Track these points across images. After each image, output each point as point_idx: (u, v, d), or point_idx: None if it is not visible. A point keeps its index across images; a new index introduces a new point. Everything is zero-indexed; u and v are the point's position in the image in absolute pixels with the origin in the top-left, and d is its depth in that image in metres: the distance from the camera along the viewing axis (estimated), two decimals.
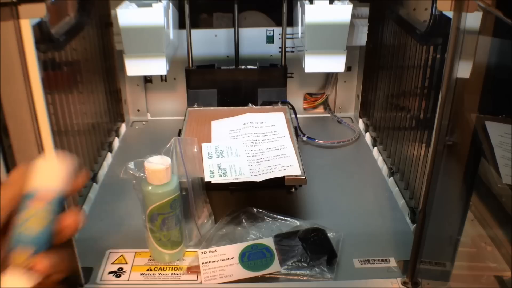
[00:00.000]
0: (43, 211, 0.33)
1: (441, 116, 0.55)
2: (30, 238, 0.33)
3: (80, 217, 0.35)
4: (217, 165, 0.73)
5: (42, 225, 0.33)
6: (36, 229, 0.33)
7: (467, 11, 0.50)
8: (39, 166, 0.35)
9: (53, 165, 0.35)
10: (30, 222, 0.33)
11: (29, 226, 0.33)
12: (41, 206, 0.33)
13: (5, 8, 0.46)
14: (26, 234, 0.33)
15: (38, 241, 0.33)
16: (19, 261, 0.32)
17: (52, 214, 0.34)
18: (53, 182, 0.35)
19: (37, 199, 0.33)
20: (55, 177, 0.35)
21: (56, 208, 0.34)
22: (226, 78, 0.97)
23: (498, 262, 0.62)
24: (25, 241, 0.33)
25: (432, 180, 0.58)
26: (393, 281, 0.64)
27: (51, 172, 0.35)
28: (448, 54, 0.52)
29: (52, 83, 0.70)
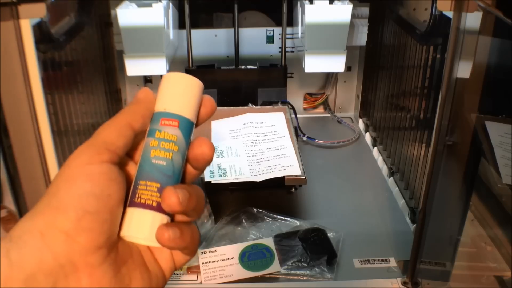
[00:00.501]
0: (174, 136, 0.29)
1: (441, 116, 0.55)
2: (158, 168, 0.28)
3: (212, 146, 0.30)
4: (217, 165, 0.73)
5: (172, 153, 0.29)
6: (165, 158, 0.29)
7: (467, 11, 0.50)
8: (173, 82, 0.30)
9: (187, 84, 0.30)
10: (159, 149, 0.29)
11: (158, 154, 0.29)
12: (172, 130, 0.29)
13: (5, 8, 0.46)
14: (154, 162, 0.29)
15: (166, 172, 0.29)
16: (145, 195, 0.28)
17: (183, 142, 0.29)
18: (187, 104, 0.30)
19: (167, 121, 0.29)
20: (187, 98, 0.30)
21: (187, 136, 0.30)
22: (226, 78, 0.97)
23: (498, 262, 0.62)
24: (152, 171, 0.28)
25: (432, 180, 0.58)
26: (393, 281, 0.64)
27: (185, 92, 0.30)
28: (448, 54, 0.52)
29: (52, 83, 0.70)
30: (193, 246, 0.29)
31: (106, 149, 0.27)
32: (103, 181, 0.26)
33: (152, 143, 0.29)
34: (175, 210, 0.27)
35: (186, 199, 0.27)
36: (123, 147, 0.28)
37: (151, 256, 0.29)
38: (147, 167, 0.28)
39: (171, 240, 0.27)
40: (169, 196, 0.27)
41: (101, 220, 0.26)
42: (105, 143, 0.28)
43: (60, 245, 0.25)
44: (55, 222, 0.25)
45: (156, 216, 0.28)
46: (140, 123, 0.29)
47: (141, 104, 0.30)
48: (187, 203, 0.28)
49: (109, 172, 0.27)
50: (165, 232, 0.27)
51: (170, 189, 0.27)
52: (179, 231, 0.28)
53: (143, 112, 0.29)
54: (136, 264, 0.28)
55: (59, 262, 0.24)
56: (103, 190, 0.26)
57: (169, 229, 0.27)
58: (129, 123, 0.29)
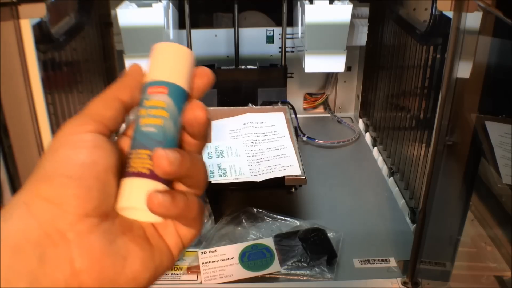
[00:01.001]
0: (163, 102, 0.28)
1: (441, 116, 0.55)
2: (148, 135, 0.28)
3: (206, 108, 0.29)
4: (217, 165, 0.73)
5: (162, 120, 0.28)
6: (155, 125, 0.28)
7: (467, 11, 0.50)
8: (159, 51, 0.30)
9: (175, 52, 0.29)
10: (148, 117, 0.28)
11: (147, 122, 0.28)
12: (161, 97, 0.28)
13: (5, 8, 0.46)
14: (144, 130, 0.28)
15: (157, 138, 0.27)
16: (136, 163, 0.27)
17: (174, 108, 0.28)
18: (175, 71, 0.29)
19: (155, 88, 0.28)
20: (177, 66, 0.29)
21: (178, 103, 0.28)
22: (226, 78, 0.97)
23: (498, 262, 0.62)
24: (142, 139, 0.28)
25: (432, 180, 0.58)
26: (393, 281, 0.64)
27: (172, 59, 0.29)
28: (448, 54, 0.52)
29: (52, 83, 0.70)
30: (192, 215, 0.28)
31: (92, 119, 0.27)
32: (87, 148, 0.26)
33: (141, 112, 0.28)
34: (166, 171, 0.26)
35: (177, 161, 0.26)
36: (111, 118, 0.28)
37: (155, 231, 0.28)
38: (138, 135, 0.28)
39: (161, 206, 0.26)
40: (158, 157, 0.26)
41: (87, 186, 0.25)
42: (92, 114, 0.27)
43: (46, 213, 0.24)
44: (39, 191, 0.24)
45: (149, 184, 0.27)
46: (127, 94, 0.29)
47: (129, 76, 0.29)
48: (179, 165, 0.26)
49: (94, 140, 0.26)
50: (155, 198, 0.26)
51: (160, 151, 0.26)
52: (170, 197, 0.26)
53: (131, 83, 0.29)
54: (136, 237, 0.27)
55: (46, 231, 0.24)
56: (87, 156, 0.26)
57: (159, 194, 0.26)
58: (116, 95, 0.28)
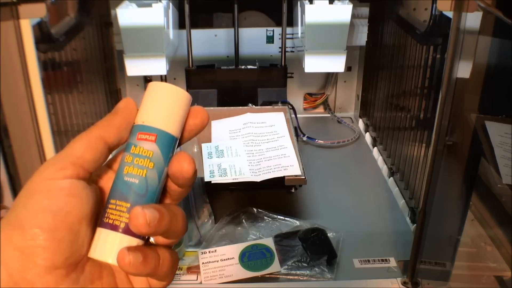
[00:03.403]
0: (150, 151, 0.27)
1: (441, 116, 0.55)
2: (130, 186, 0.26)
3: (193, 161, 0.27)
4: (217, 165, 0.73)
5: (146, 171, 0.26)
6: (138, 176, 0.26)
7: (467, 11, 0.50)
8: (154, 92, 0.28)
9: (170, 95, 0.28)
10: (133, 166, 0.26)
11: (131, 171, 0.26)
12: (148, 145, 0.27)
13: (5, 8, 0.46)
14: (126, 180, 0.26)
15: (139, 191, 0.26)
16: (114, 215, 0.26)
17: (160, 157, 0.27)
18: (166, 116, 0.27)
19: (145, 135, 0.27)
20: (168, 111, 0.27)
21: (166, 151, 0.27)
22: (226, 78, 0.97)
23: (498, 262, 0.62)
24: (123, 190, 0.26)
25: (432, 180, 0.58)
26: (393, 281, 0.64)
27: (166, 103, 0.27)
28: (448, 54, 0.52)
29: (52, 83, 0.70)
30: (163, 272, 0.27)
31: (72, 163, 0.26)
32: (62, 197, 0.25)
33: (127, 158, 0.27)
34: (142, 232, 0.25)
35: (155, 221, 0.25)
36: (93, 161, 0.27)
37: (125, 277, 0.28)
38: (119, 184, 0.27)
39: (131, 265, 0.25)
40: (135, 217, 0.25)
41: (58, 239, 0.24)
42: (72, 156, 0.26)
43: (15, 263, 0.24)
44: (12, 239, 0.24)
45: (123, 239, 0.26)
46: (114, 135, 0.27)
47: (118, 115, 0.28)
48: (157, 225, 0.25)
49: (70, 188, 0.25)
50: (126, 257, 0.25)
51: (137, 210, 0.25)
52: (142, 256, 0.26)
53: (119, 124, 0.27)
54: (104, 285, 0.27)
55: (15, 281, 0.24)
56: (61, 207, 0.25)
57: (130, 253, 0.25)
58: (101, 135, 0.27)
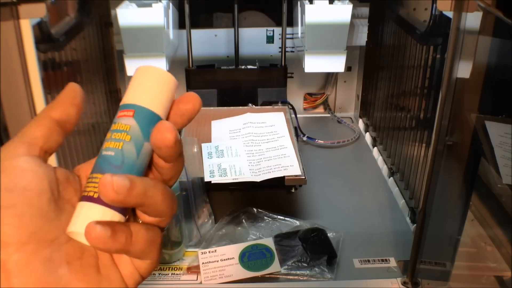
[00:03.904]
0: (127, 125, 0.27)
1: (441, 116, 0.55)
2: (106, 158, 0.27)
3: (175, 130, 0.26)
4: (217, 165, 0.73)
5: (122, 143, 0.27)
6: (114, 148, 0.27)
7: (467, 11, 0.50)
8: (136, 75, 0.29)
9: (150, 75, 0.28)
10: (111, 141, 0.27)
11: (108, 145, 0.27)
12: (125, 120, 0.27)
13: (5, 8, 0.46)
14: (104, 154, 0.27)
15: (114, 162, 0.26)
16: (89, 187, 0.26)
17: (138, 131, 0.27)
18: (144, 93, 0.28)
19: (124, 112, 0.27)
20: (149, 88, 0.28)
21: (145, 125, 0.27)
22: (226, 78, 0.97)
23: (498, 262, 0.62)
24: (100, 163, 0.27)
25: (432, 180, 0.58)
26: (393, 281, 0.64)
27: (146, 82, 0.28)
28: (448, 54, 0.52)
29: (52, 83, 0.70)
30: (137, 249, 0.26)
31: (22, 142, 0.27)
32: (16, 173, 0.25)
33: (107, 136, 0.27)
34: (110, 199, 0.24)
35: (123, 188, 0.24)
36: (43, 137, 0.27)
37: (109, 259, 0.27)
38: (98, 159, 0.27)
39: (98, 239, 0.24)
40: (103, 184, 0.24)
41: (19, 214, 0.24)
42: (23, 136, 0.27)
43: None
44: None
45: (97, 209, 0.26)
46: (59, 110, 0.28)
47: (62, 93, 0.29)
48: (126, 193, 0.24)
49: (23, 164, 0.26)
50: (92, 230, 0.24)
51: (106, 177, 0.24)
52: (110, 230, 0.25)
53: (62, 99, 0.28)
54: (83, 266, 0.26)
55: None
56: (16, 183, 0.25)
57: (98, 226, 0.24)
58: (47, 112, 0.28)
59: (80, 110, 0.29)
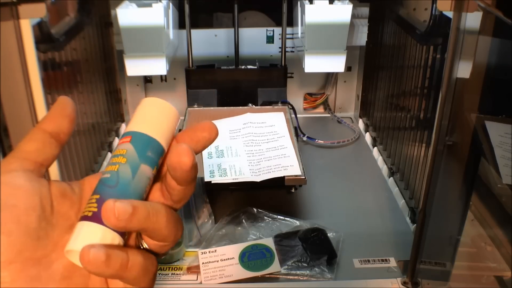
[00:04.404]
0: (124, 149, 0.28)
1: (441, 116, 0.55)
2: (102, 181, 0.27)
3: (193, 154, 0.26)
4: (217, 165, 0.73)
5: (118, 166, 0.28)
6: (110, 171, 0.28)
7: (467, 11, 0.50)
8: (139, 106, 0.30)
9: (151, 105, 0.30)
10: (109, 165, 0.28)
11: (106, 169, 0.28)
12: (123, 145, 0.28)
13: (5, 8, 0.46)
14: (102, 177, 0.28)
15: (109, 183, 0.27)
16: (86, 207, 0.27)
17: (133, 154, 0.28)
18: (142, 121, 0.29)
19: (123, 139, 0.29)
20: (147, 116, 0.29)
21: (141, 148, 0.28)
22: (226, 78, 0.97)
23: (498, 262, 0.62)
24: (98, 186, 0.27)
25: (432, 180, 0.58)
26: (393, 281, 0.64)
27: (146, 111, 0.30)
28: (448, 54, 0.52)
29: (52, 83, 0.70)
30: (132, 276, 0.26)
31: (14, 156, 0.27)
32: (5, 190, 0.25)
33: (108, 162, 0.29)
34: (112, 224, 0.25)
35: (125, 215, 0.24)
36: (36, 151, 0.27)
37: (101, 282, 0.27)
38: (97, 183, 0.28)
39: (91, 263, 0.24)
40: (105, 209, 0.24)
41: (7, 232, 0.24)
42: (15, 151, 0.27)
43: None
44: None
45: (95, 229, 0.26)
46: (51, 123, 0.28)
47: (53, 107, 0.29)
48: (128, 219, 0.25)
49: (13, 180, 0.25)
50: (86, 254, 0.24)
51: (109, 202, 0.25)
52: (105, 256, 0.24)
53: (53, 113, 0.29)
54: (72, 286, 0.26)
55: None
56: (6, 200, 0.25)
57: (92, 250, 0.24)
58: (39, 126, 0.28)
59: (73, 120, 0.29)
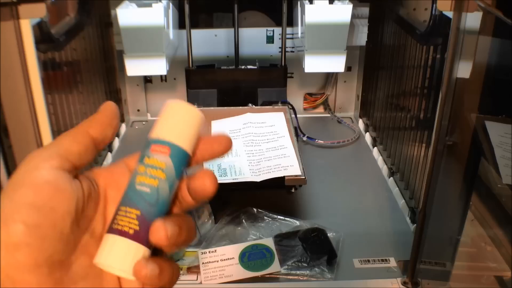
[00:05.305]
0: (162, 163, 0.27)
1: (441, 116, 0.55)
2: (141, 194, 0.27)
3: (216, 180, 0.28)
4: (217, 165, 0.73)
5: (158, 181, 0.27)
6: (149, 185, 0.27)
7: (467, 11, 0.50)
8: (170, 110, 0.29)
9: (185, 113, 0.29)
10: (145, 176, 0.27)
11: (143, 180, 0.27)
12: (162, 157, 0.27)
13: (5, 8, 0.46)
14: (138, 189, 0.27)
15: (149, 200, 0.27)
16: (123, 221, 0.26)
17: (172, 170, 0.28)
18: (181, 133, 0.28)
19: (157, 147, 0.28)
20: (184, 128, 0.29)
21: (178, 165, 0.28)
22: (226, 78, 0.97)
23: (498, 262, 0.62)
24: (134, 198, 0.27)
25: (432, 180, 0.58)
26: (393, 281, 0.64)
27: (181, 120, 0.29)
28: (448, 54, 0.52)
29: (52, 83, 0.70)
30: (170, 285, 0.27)
31: (58, 154, 0.26)
32: (47, 191, 0.25)
33: (140, 169, 0.28)
34: (162, 245, 0.26)
35: (175, 235, 0.26)
36: (78, 154, 0.27)
37: (113, 279, 0.27)
38: (131, 192, 0.27)
39: (148, 277, 0.26)
40: (157, 230, 0.25)
41: (41, 236, 0.24)
42: (58, 148, 0.27)
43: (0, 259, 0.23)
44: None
45: (131, 246, 0.26)
46: (98, 130, 0.28)
47: (101, 113, 0.29)
48: (176, 239, 0.26)
49: (55, 181, 0.25)
50: (143, 268, 0.25)
51: (159, 223, 0.26)
52: (158, 269, 0.26)
53: (102, 120, 0.28)
54: (88, 285, 0.26)
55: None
56: (46, 202, 0.24)
57: (148, 265, 0.26)
58: (86, 130, 0.28)
59: (116, 131, 0.29)
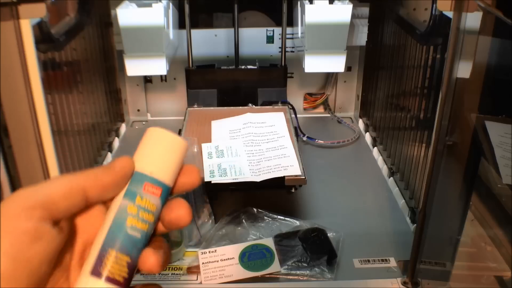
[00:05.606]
0: (154, 206, 0.27)
1: (441, 116, 0.55)
2: (133, 240, 0.26)
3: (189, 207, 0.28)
4: (217, 165, 0.73)
5: (148, 225, 0.26)
6: (141, 230, 0.26)
7: (467, 11, 0.50)
8: (157, 140, 0.28)
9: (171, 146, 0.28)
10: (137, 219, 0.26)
11: (135, 224, 0.26)
12: (154, 200, 0.27)
13: (5, 8, 0.46)
14: (129, 233, 0.26)
15: (139, 246, 0.26)
16: (115, 269, 0.26)
17: (159, 210, 0.27)
18: (171, 170, 0.27)
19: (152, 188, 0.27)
20: (172, 164, 0.27)
21: (164, 202, 0.27)
22: (226, 78, 0.97)
23: (498, 262, 0.62)
24: (125, 243, 0.26)
25: (432, 180, 0.58)
26: (393, 281, 0.64)
27: (168, 155, 0.27)
28: (448, 54, 0.52)
29: (52, 83, 0.70)
30: None
31: (42, 205, 0.25)
32: (24, 242, 0.24)
33: (130, 209, 0.26)
34: (154, 272, 0.27)
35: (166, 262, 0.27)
36: (65, 211, 0.26)
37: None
38: (121, 236, 0.26)
39: None
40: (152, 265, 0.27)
41: (17, 284, 0.23)
42: (46, 198, 0.25)
43: None
44: None
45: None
46: (97, 193, 0.27)
47: (111, 175, 0.27)
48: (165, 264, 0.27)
49: (34, 232, 0.24)
50: None
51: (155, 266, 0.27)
52: None
53: (108, 184, 0.27)
54: None
55: None
56: (22, 253, 0.24)
57: None
58: (84, 188, 0.26)
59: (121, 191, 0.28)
